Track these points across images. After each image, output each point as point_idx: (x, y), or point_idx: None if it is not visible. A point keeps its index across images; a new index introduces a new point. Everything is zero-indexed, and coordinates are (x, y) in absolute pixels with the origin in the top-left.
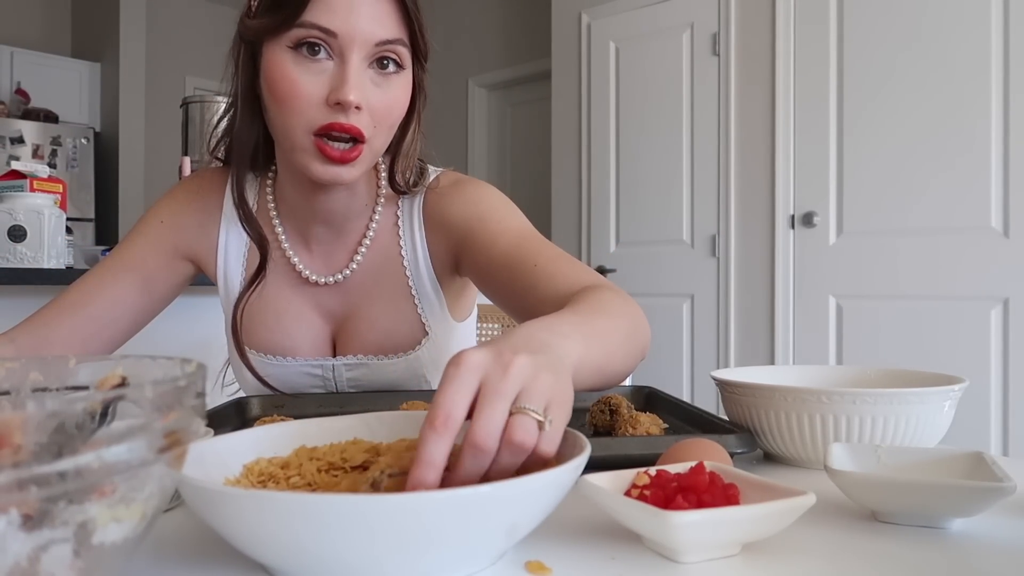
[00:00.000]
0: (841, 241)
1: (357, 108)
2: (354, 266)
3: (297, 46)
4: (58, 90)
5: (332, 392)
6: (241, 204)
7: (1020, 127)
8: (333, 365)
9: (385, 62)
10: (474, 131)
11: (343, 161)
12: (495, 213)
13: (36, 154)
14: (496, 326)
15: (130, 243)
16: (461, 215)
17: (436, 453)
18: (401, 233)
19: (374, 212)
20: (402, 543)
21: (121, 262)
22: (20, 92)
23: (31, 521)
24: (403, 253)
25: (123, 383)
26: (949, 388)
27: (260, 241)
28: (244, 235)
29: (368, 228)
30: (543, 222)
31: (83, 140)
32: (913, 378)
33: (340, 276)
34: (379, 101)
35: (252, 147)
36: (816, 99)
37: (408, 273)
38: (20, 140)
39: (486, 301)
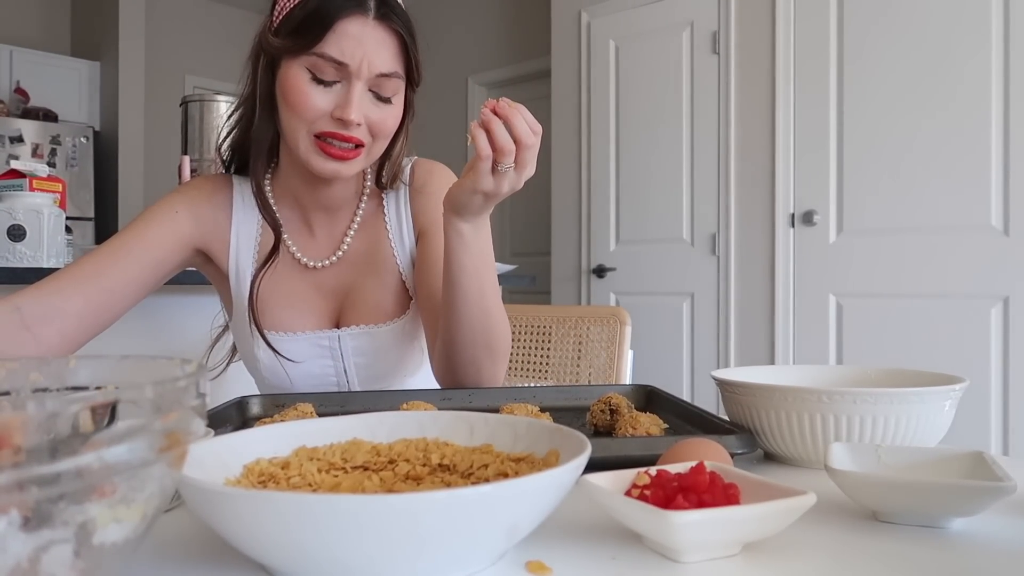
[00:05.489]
0: (841, 240)
1: (357, 124)
2: (345, 247)
3: (312, 69)
4: (57, 89)
5: (332, 392)
6: (259, 193)
7: (1020, 125)
8: (338, 336)
9: (383, 91)
10: None
11: (343, 159)
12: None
13: (35, 153)
14: None
15: (143, 227)
16: (423, 212)
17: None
18: (387, 217)
19: (360, 202)
20: (402, 543)
21: (135, 241)
22: (19, 91)
23: (31, 521)
24: (390, 235)
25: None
26: (950, 388)
27: (275, 224)
28: (254, 229)
29: (355, 215)
30: (543, 221)
31: (82, 139)
32: (913, 378)
33: (334, 258)
34: (375, 118)
35: (268, 143)
36: (816, 97)
37: (395, 249)
38: (19, 139)
39: None
